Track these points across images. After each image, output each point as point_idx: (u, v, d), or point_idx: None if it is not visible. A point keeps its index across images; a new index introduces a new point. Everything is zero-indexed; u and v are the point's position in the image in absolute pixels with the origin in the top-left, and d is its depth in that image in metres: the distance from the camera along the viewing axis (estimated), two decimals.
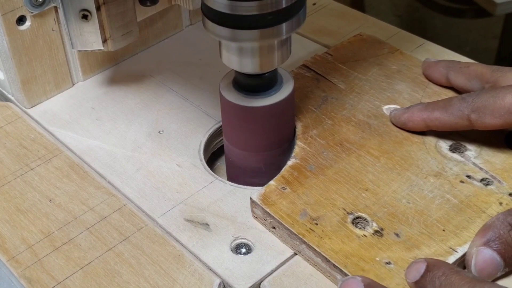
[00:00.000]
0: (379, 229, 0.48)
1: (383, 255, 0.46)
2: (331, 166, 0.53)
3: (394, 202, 0.50)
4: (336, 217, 0.49)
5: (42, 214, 0.53)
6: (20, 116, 0.62)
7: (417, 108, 0.55)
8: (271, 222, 0.50)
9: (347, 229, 0.48)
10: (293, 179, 0.52)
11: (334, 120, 0.57)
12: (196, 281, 0.47)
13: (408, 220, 0.48)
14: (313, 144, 0.55)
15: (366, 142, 0.55)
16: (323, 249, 0.47)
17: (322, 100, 0.59)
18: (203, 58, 0.68)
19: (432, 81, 0.60)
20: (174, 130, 0.60)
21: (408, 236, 0.47)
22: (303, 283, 0.47)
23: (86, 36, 0.59)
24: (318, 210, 0.49)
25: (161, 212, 0.53)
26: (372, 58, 0.63)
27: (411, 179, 0.51)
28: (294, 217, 0.49)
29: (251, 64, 0.50)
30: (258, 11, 0.46)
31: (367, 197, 0.50)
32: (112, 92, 0.65)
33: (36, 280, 0.48)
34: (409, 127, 0.55)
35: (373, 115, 0.57)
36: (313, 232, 0.48)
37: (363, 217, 0.49)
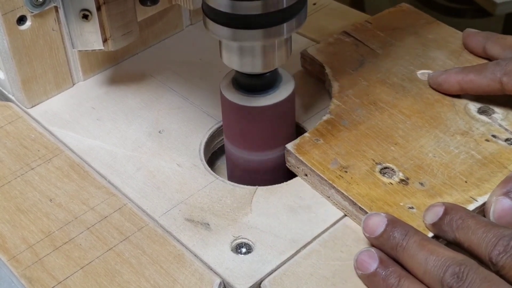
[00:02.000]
0: (404, 178, 0.51)
1: (407, 200, 0.49)
2: (364, 122, 0.56)
3: (421, 155, 0.53)
4: (365, 167, 0.52)
5: (42, 214, 0.53)
6: (21, 116, 0.62)
7: (454, 70, 0.57)
8: (303, 169, 0.53)
9: (374, 177, 0.51)
10: (326, 132, 0.55)
11: (369, 81, 0.59)
12: (196, 281, 0.47)
13: (433, 172, 0.51)
14: (348, 102, 0.57)
15: (398, 102, 0.57)
16: (350, 193, 0.50)
17: (360, 63, 0.61)
18: (203, 58, 0.68)
19: (469, 49, 0.62)
20: (175, 130, 0.60)
21: (432, 185, 0.50)
22: (303, 283, 0.47)
23: (87, 36, 0.59)
24: (348, 160, 0.52)
25: (162, 211, 0.53)
26: (409, 27, 0.65)
27: (439, 136, 0.54)
28: (326, 164, 0.52)
29: (252, 64, 0.50)
30: (259, 11, 0.46)
31: (395, 150, 0.53)
32: (112, 92, 0.65)
33: (37, 280, 0.48)
34: (444, 89, 0.57)
35: (407, 78, 0.60)
36: (342, 178, 0.51)
37: (391, 167, 0.52)
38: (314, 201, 0.53)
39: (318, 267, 0.48)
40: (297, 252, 0.49)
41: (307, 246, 0.50)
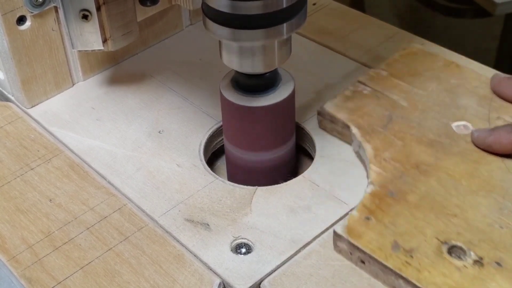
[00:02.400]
0: (478, 258, 0.46)
1: (489, 286, 0.44)
2: (412, 191, 0.50)
3: (487, 227, 0.47)
4: (431, 248, 0.46)
5: (42, 214, 0.53)
6: (20, 116, 0.62)
7: (505, 129, 0.53)
8: (360, 256, 0.47)
9: (444, 260, 0.46)
10: (375, 208, 0.49)
11: (404, 140, 0.55)
12: (196, 281, 0.47)
13: (506, 247, 0.46)
14: (388, 167, 0.52)
15: (442, 163, 0.52)
16: (424, 283, 0.44)
17: (387, 119, 0.56)
18: (203, 58, 0.68)
19: (503, 97, 0.57)
20: (174, 130, 0.60)
21: (511, 264, 0.45)
22: (303, 283, 0.47)
23: (86, 36, 0.59)
24: (409, 241, 0.47)
25: (161, 212, 0.53)
26: (428, 72, 0.61)
27: (499, 201, 0.49)
28: (386, 250, 0.46)
29: (252, 64, 0.50)
30: (258, 11, 0.46)
31: (457, 223, 0.48)
32: (112, 92, 0.65)
33: (36, 280, 0.48)
34: (495, 150, 0.53)
35: (444, 134, 0.55)
36: (409, 265, 0.45)
37: (459, 246, 0.46)
38: (314, 201, 0.52)
39: (318, 267, 0.48)
40: (296, 253, 0.49)
41: (306, 246, 0.49)
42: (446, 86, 0.59)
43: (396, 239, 0.47)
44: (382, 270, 0.46)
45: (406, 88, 0.59)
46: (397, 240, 0.47)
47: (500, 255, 0.46)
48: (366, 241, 0.47)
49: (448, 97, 0.58)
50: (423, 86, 0.60)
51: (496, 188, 0.50)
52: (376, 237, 0.47)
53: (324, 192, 0.53)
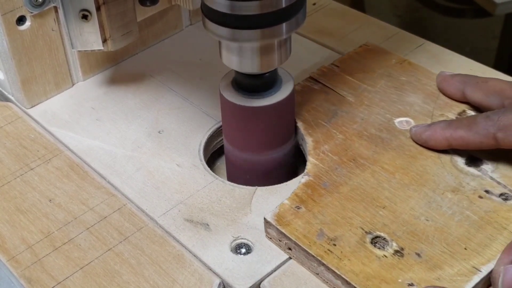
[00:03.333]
0: (399, 249, 0.47)
1: (405, 276, 0.45)
2: (346, 183, 0.52)
3: (413, 220, 0.49)
4: (354, 237, 0.48)
5: (42, 214, 0.53)
6: (20, 116, 0.62)
7: (440, 126, 0.54)
8: (287, 243, 0.48)
9: (366, 249, 0.47)
10: (307, 198, 0.51)
11: (345, 134, 0.56)
12: (196, 281, 0.47)
13: (428, 239, 0.47)
14: (326, 160, 0.54)
15: (379, 157, 0.54)
16: (343, 271, 0.45)
17: (332, 114, 0.57)
18: (203, 58, 0.68)
19: (447, 95, 0.58)
20: (174, 130, 0.60)
21: (430, 255, 0.46)
22: (303, 283, 0.47)
23: (86, 36, 0.59)
24: (335, 230, 0.48)
25: (161, 212, 0.53)
26: (380, 69, 0.62)
27: (429, 195, 0.50)
28: (311, 237, 0.48)
29: (251, 64, 0.50)
30: (258, 11, 0.46)
31: (384, 215, 0.49)
32: (112, 92, 0.65)
33: (36, 280, 0.48)
34: (430, 145, 0.54)
35: (385, 129, 0.56)
36: (331, 253, 0.47)
37: (382, 237, 0.48)
38: None
39: None
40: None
41: None
42: (395, 83, 0.60)
43: (322, 228, 0.48)
44: (306, 257, 0.47)
45: (356, 84, 0.60)
46: (323, 228, 0.48)
47: (422, 246, 0.47)
48: (293, 229, 0.48)
49: (395, 94, 0.59)
50: (373, 83, 0.61)
51: (428, 182, 0.51)
52: (303, 225, 0.48)
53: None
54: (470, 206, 0.49)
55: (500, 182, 0.51)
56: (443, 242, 0.47)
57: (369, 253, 0.47)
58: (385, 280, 0.45)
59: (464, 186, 0.51)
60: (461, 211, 0.49)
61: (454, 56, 0.66)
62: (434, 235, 0.48)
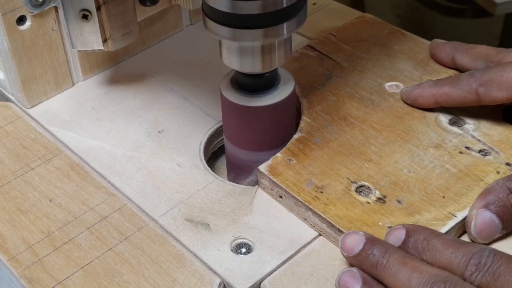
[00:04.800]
0: (381, 196, 0.50)
1: (386, 220, 0.48)
2: (335, 139, 0.55)
3: (396, 171, 0.52)
4: (340, 186, 0.51)
5: (42, 214, 0.53)
6: (20, 116, 0.62)
7: (427, 84, 0.57)
8: (278, 191, 0.52)
9: (351, 196, 0.50)
10: (298, 151, 0.54)
11: (338, 96, 0.59)
12: (196, 281, 0.47)
13: (409, 188, 0.51)
14: (318, 119, 0.57)
15: (368, 117, 0.57)
16: (328, 215, 0.49)
17: (326, 78, 0.61)
18: (203, 58, 0.68)
19: (438, 61, 0.62)
20: (174, 130, 0.60)
21: (410, 202, 0.49)
22: (303, 283, 0.47)
23: (86, 36, 0.59)
24: (323, 180, 0.51)
25: (161, 212, 0.53)
26: (374, 38, 0.65)
27: (412, 150, 0.54)
28: (300, 186, 0.51)
29: (252, 64, 0.50)
30: (259, 11, 0.46)
31: (370, 167, 0.52)
32: (112, 92, 0.65)
33: (36, 280, 0.48)
34: (418, 103, 0.57)
35: (376, 92, 0.59)
36: (318, 199, 0.50)
37: (366, 186, 0.51)
38: None
39: (318, 267, 0.48)
40: (297, 252, 0.49)
41: (307, 246, 0.50)
42: (387, 51, 0.64)
43: (310, 178, 0.52)
44: (295, 203, 0.51)
45: (350, 52, 0.64)
46: (312, 178, 0.52)
47: (403, 194, 0.50)
48: (284, 178, 0.52)
49: (387, 61, 0.63)
50: (366, 50, 0.64)
51: (413, 139, 0.55)
52: (293, 175, 0.52)
53: None
54: (451, 160, 0.53)
55: (480, 140, 0.54)
56: (423, 191, 0.50)
57: (353, 200, 0.50)
58: (366, 223, 0.48)
59: (446, 143, 0.54)
60: (442, 165, 0.52)
61: None
62: (415, 185, 0.51)
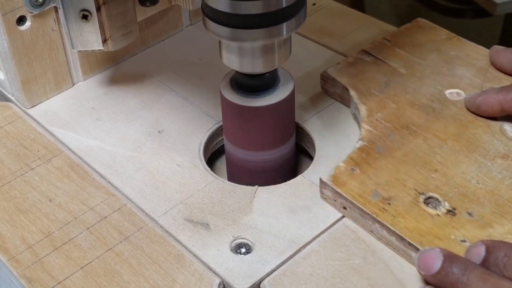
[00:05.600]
0: (451, 208, 0.49)
1: (458, 233, 0.47)
2: (399, 148, 0.53)
3: (464, 182, 0.50)
4: (408, 197, 0.49)
5: (42, 214, 0.53)
6: (20, 116, 0.62)
7: (493, 90, 0.55)
8: (342, 202, 0.50)
9: (419, 208, 0.49)
10: (361, 161, 0.52)
11: (398, 103, 0.58)
12: (196, 281, 0.47)
13: (479, 200, 0.49)
14: (379, 127, 0.55)
15: (431, 125, 0.55)
16: (397, 227, 0.47)
17: (385, 84, 0.59)
18: (203, 58, 0.68)
19: (498, 67, 0.60)
20: (174, 130, 0.60)
21: (481, 215, 0.48)
22: (303, 283, 0.47)
23: (86, 36, 0.59)
24: (389, 191, 0.50)
25: (161, 212, 0.53)
26: (430, 43, 0.64)
27: (479, 160, 0.52)
28: (366, 197, 0.49)
29: (251, 64, 0.50)
30: (258, 11, 0.46)
31: (437, 178, 0.51)
32: (112, 92, 0.65)
33: (36, 280, 0.48)
34: (483, 111, 0.55)
35: (436, 99, 0.58)
36: (386, 211, 0.48)
37: (435, 197, 0.49)
38: (314, 201, 0.52)
39: (318, 267, 0.48)
40: (296, 252, 0.49)
41: (306, 246, 0.49)
42: (445, 57, 0.62)
43: (376, 188, 0.50)
44: (361, 215, 0.49)
45: (407, 57, 0.62)
46: (378, 189, 0.50)
47: (473, 206, 0.49)
48: (349, 189, 0.50)
49: (445, 67, 0.61)
50: (423, 56, 0.62)
51: (479, 148, 0.53)
52: (358, 186, 0.50)
53: None
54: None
55: None
56: (494, 203, 0.49)
57: (423, 212, 0.48)
58: (438, 237, 0.47)
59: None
60: (511, 176, 0.51)
61: None
62: (485, 196, 0.49)
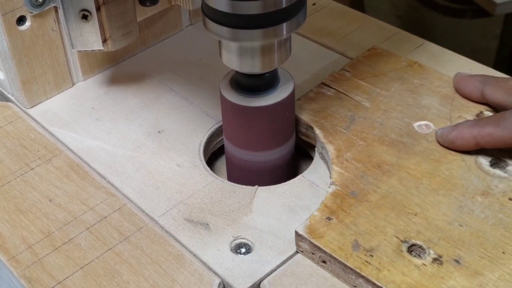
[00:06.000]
0: (437, 256, 0.46)
1: (448, 284, 0.45)
2: (374, 191, 0.51)
3: (447, 225, 0.48)
4: (391, 247, 0.47)
5: (42, 214, 0.53)
6: (20, 116, 0.62)
7: (466, 125, 0.53)
8: (321, 256, 0.47)
9: (404, 258, 0.46)
10: (337, 208, 0.50)
11: (366, 140, 0.55)
12: (196, 281, 0.47)
13: (465, 244, 0.47)
14: (350, 168, 0.53)
15: (404, 163, 0.53)
16: (383, 282, 0.45)
17: (350, 120, 0.57)
18: (203, 58, 0.68)
19: (464, 95, 0.58)
20: (174, 130, 0.60)
21: (469, 262, 0.46)
22: (303, 283, 0.47)
23: (86, 36, 0.59)
24: (370, 240, 0.47)
25: (161, 212, 0.53)
26: (391, 72, 0.61)
27: (459, 199, 0.50)
28: (347, 249, 0.47)
29: (251, 64, 0.50)
30: (258, 11, 0.46)
31: (417, 222, 0.48)
32: (112, 92, 0.65)
33: (36, 280, 0.48)
34: (457, 146, 0.53)
35: (406, 133, 0.55)
36: (369, 264, 0.46)
37: (418, 245, 0.47)
38: (314, 201, 0.52)
39: (318, 267, 0.48)
40: (296, 252, 0.49)
41: None
42: (408, 86, 0.60)
43: (356, 239, 0.47)
44: (343, 269, 0.46)
45: (369, 89, 0.60)
46: (358, 239, 0.47)
47: (459, 252, 0.46)
48: (327, 241, 0.47)
49: (410, 97, 0.59)
50: (386, 86, 0.60)
51: (457, 186, 0.51)
52: (337, 237, 0.48)
53: (323, 192, 0.53)
54: (502, 209, 0.49)
55: None
56: (480, 247, 0.47)
57: (408, 263, 0.46)
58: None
59: (493, 189, 0.50)
60: (494, 215, 0.49)
61: (454, 56, 0.66)
62: (471, 240, 0.47)
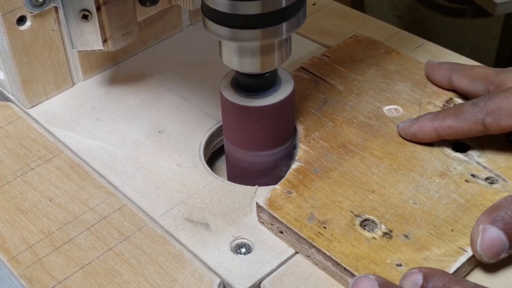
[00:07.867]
0: (388, 231, 0.48)
1: (394, 257, 0.46)
2: (336, 168, 0.53)
3: (401, 203, 0.50)
4: (344, 220, 0.49)
5: (42, 214, 0.53)
6: (20, 116, 0.62)
7: (427, 117, 0.54)
8: (279, 226, 0.49)
9: (355, 232, 0.48)
10: (298, 183, 0.52)
11: (335, 122, 0.57)
12: (196, 281, 0.47)
13: (416, 221, 0.48)
14: (316, 146, 0.55)
15: (369, 144, 0.55)
16: (333, 252, 0.47)
17: (322, 102, 0.59)
18: (203, 58, 0.68)
19: (434, 82, 0.60)
20: (174, 130, 0.60)
21: (417, 237, 0.47)
22: (303, 282, 0.47)
23: (86, 36, 0.59)
24: (325, 214, 0.49)
25: (161, 212, 0.53)
26: (369, 59, 0.63)
27: (417, 179, 0.51)
28: (302, 221, 0.49)
29: (251, 64, 0.50)
30: (258, 11, 0.46)
31: (373, 199, 0.50)
32: (112, 92, 0.65)
33: (36, 280, 0.48)
34: (419, 138, 0.54)
35: (374, 116, 0.57)
36: (322, 235, 0.48)
37: (371, 219, 0.49)
38: None
39: (318, 267, 0.48)
40: (296, 252, 0.49)
41: None
42: (384, 72, 0.62)
43: (312, 212, 0.49)
44: (297, 239, 0.48)
45: (345, 74, 0.62)
46: (314, 212, 0.49)
47: (410, 228, 0.48)
48: (285, 213, 0.49)
49: (384, 83, 0.60)
50: (362, 72, 0.62)
51: (416, 167, 0.53)
52: (294, 209, 0.50)
53: None
54: (457, 190, 0.51)
55: (486, 167, 0.52)
56: (431, 224, 0.48)
57: (359, 235, 0.48)
58: (374, 261, 0.46)
59: (451, 171, 0.52)
60: (448, 195, 0.50)
61: (454, 56, 0.66)
62: (422, 217, 0.49)
